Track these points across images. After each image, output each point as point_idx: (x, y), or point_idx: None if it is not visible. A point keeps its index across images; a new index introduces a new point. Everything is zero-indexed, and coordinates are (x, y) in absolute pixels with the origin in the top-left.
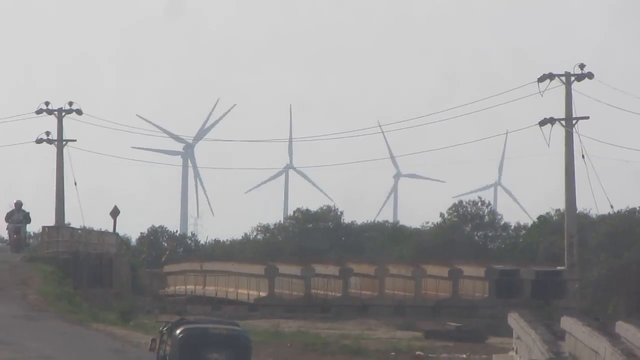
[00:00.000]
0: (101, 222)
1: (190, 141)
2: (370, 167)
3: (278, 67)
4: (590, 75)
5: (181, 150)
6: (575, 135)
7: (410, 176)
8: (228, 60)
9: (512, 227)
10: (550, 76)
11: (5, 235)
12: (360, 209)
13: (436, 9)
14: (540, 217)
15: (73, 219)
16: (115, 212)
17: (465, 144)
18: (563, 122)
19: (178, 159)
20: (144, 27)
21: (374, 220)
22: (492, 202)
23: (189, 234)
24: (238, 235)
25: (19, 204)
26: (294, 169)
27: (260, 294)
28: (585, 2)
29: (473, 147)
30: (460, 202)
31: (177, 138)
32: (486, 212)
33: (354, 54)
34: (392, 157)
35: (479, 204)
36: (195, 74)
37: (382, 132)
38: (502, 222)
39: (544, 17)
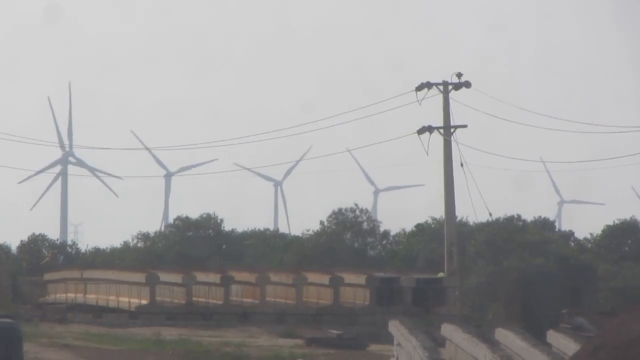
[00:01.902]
0: None
1: (68, 149)
2: (252, 174)
3: (156, 71)
4: (467, 84)
5: (60, 158)
6: (453, 144)
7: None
8: (104, 64)
9: (393, 235)
10: (428, 85)
11: None
12: (241, 217)
13: (317, 17)
14: (418, 225)
15: None
16: None
17: (345, 151)
18: (441, 131)
19: (57, 167)
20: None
21: (255, 229)
22: (370, 210)
23: (70, 242)
24: (118, 244)
25: None
26: (174, 175)
27: (142, 301)
28: (464, 12)
29: (356, 155)
30: (340, 209)
31: (60, 145)
32: (365, 219)
33: (234, 60)
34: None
35: (357, 211)
36: (72, 79)
37: (258, 140)
38: (381, 230)
39: (426, 26)
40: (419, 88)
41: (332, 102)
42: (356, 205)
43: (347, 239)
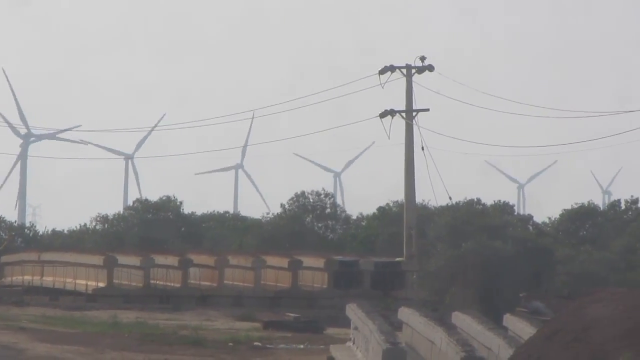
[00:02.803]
0: None
1: (28, 131)
2: (217, 157)
3: (126, 56)
4: (430, 68)
5: (20, 140)
6: (415, 128)
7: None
8: (74, 50)
9: (354, 218)
10: (392, 68)
11: None
12: (203, 200)
13: (286, 2)
14: (379, 209)
15: None
16: None
17: (311, 134)
18: (403, 114)
19: (17, 149)
20: None
21: (214, 211)
22: (333, 193)
23: (28, 224)
24: (77, 226)
25: None
26: (134, 158)
27: (99, 284)
28: None
29: (320, 138)
30: (303, 192)
31: (15, 130)
32: (328, 203)
33: (204, 45)
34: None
35: (322, 195)
36: (41, 63)
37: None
38: (343, 214)
39: (394, 11)
40: (382, 71)
41: (302, 86)
42: (323, 189)
43: (307, 222)
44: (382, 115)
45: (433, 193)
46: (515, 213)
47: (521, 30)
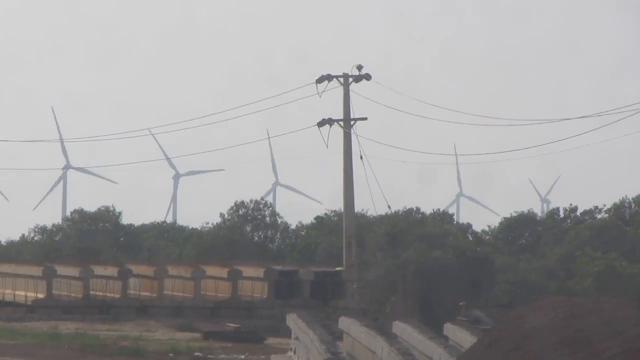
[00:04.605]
0: None
1: None
2: (150, 166)
3: (58, 64)
4: (367, 77)
5: None
6: (353, 136)
7: (190, 174)
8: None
9: (293, 228)
10: (329, 77)
11: None
12: (141, 210)
13: (222, 10)
14: (317, 218)
15: None
16: None
17: (246, 144)
18: (342, 123)
19: None
20: None
21: (154, 222)
22: (272, 203)
23: None
24: (15, 237)
25: None
26: (74, 168)
27: (38, 295)
28: (365, 4)
29: (256, 147)
30: (242, 202)
31: None
32: (267, 212)
33: (137, 53)
34: (169, 159)
35: (261, 205)
36: None
37: (152, 135)
38: (281, 223)
39: (329, 18)
40: (319, 80)
41: (236, 95)
42: (262, 198)
43: (247, 232)
44: (320, 124)
45: (372, 202)
46: (455, 222)
47: (456, 37)
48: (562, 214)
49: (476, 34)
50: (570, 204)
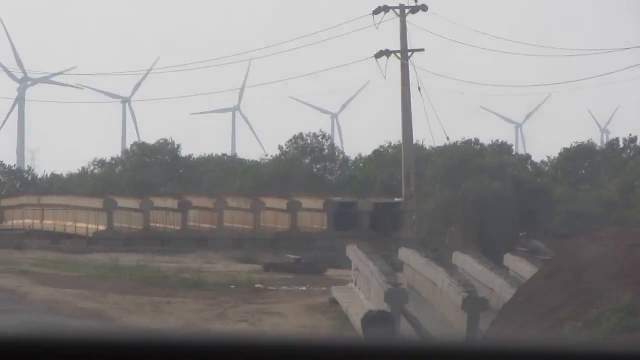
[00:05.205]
0: None
1: (25, 75)
2: (213, 100)
3: None
4: (424, 8)
5: (18, 83)
6: (410, 68)
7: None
8: None
9: (352, 160)
10: (385, 8)
11: None
12: (198, 143)
13: None
14: (375, 151)
15: None
16: None
17: (302, 76)
18: (399, 55)
19: (14, 93)
20: None
21: (212, 154)
22: (331, 135)
23: (26, 168)
24: (75, 169)
25: None
26: (131, 101)
27: (99, 227)
28: None
29: (315, 80)
30: (301, 134)
31: (11, 74)
32: (326, 145)
33: None
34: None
35: (320, 137)
36: (31, 3)
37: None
38: (341, 156)
39: None
40: (376, 11)
41: (294, 29)
42: (321, 131)
43: (305, 164)
44: (378, 55)
45: (430, 133)
46: (514, 153)
47: None
48: (621, 144)
49: None
50: (630, 134)
